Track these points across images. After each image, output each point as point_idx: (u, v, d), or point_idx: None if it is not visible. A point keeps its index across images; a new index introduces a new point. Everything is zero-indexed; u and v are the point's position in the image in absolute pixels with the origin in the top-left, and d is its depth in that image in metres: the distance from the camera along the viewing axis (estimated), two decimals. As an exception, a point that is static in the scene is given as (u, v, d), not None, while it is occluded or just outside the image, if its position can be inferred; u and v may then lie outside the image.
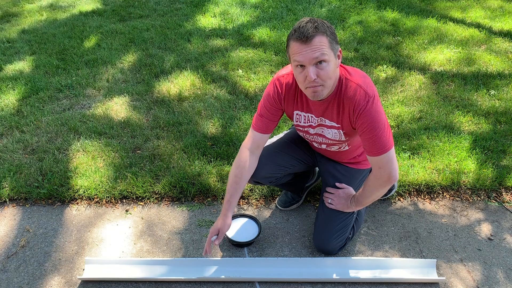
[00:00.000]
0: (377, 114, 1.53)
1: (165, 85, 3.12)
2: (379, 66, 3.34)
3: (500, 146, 2.49)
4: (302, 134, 1.84)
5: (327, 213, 1.88)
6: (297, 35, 1.42)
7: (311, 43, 1.40)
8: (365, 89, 1.53)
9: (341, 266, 1.84)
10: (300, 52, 1.43)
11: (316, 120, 1.70)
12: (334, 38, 1.45)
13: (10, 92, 3.06)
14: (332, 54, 1.45)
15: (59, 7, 4.75)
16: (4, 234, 2.04)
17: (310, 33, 1.39)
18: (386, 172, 1.59)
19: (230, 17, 4.24)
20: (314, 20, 1.43)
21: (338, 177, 1.90)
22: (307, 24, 1.41)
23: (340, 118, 1.63)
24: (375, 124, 1.53)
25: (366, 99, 1.52)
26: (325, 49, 1.42)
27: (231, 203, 1.77)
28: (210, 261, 1.86)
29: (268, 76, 3.21)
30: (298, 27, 1.42)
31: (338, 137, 1.72)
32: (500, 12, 4.34)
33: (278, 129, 2.61)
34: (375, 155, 1.58)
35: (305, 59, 1.43)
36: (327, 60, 1.43)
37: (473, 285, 1.80)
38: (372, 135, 1.55)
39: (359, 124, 1.56)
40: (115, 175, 2.29)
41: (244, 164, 1.77)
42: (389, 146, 1.56)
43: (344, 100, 1.57)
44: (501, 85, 3.10)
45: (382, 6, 4.42)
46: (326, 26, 1.43)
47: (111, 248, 1.97)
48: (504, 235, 2.03)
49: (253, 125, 1.78)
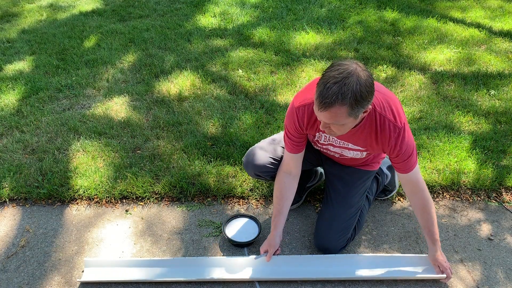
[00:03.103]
0: (408, 141, 1.59)
1: (165, 85, 3.12)
2: (379, 66, 3.34)
3: (500, 146, 2.49)
4: (319, 148, 1.85)
5: (332, 212, 1.88)
6: (318, 94, 1.35)
7: (327, 112, 1.36)
8: (394, 122, 1.55)
9: (345, 264, 1.83)
10: (316, 111, 1.41)
11: (338, 142, 1.71)
12: (359, 104, 1.35)
13: (10, 92, 3.06)
14: (351, 119, 1.40)
15: (59, 7, 4.75)
16: (4, 234, 2.04)
17: (329, 102, 1.32)
18: (423, 183, 1.71)
19: (230, 17, 4.24)
20: (344, 83, 1.30)
21: (345, 178, 1.91)
22: (332, 87, 1.31)
23: (368, 145, 1.65)
24: (407, 151, 1.60)
25: (396, 132, 1.55)
26: (340, 118, 1.38)
27: (276, 222, 1.84)
28: (210, 260, 1.85)
29: (268, 76, 3.21)
30: (324, 87, 1.32)
31: (359, 156, 1.76)
32: (500, 12, 4.34)
33: (278, 129, 2.61)
34: (409, 172, 1.66)
35: (319, 118, 1.45)
36: (341, 124, 1.42)
37: (473, 285, 1.80)
38: (405, 159, 1.62)
39: (392, 153, 1.62)
40: (115, 175, 2.29)
41: (281, 186, 1.84)
42: (416, 159, 1.67)
43: (372, 133, 1.58)
44: (501, 85, 3.09)
45: (382, 6, 4.42)
46: (352, 92, 1.31)
47: (111, 248, 1.97)
48: (504, 235, 2.03)
49: (286, 148, 1.80)
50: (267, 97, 2.97)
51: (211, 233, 2.04)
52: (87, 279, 1.78)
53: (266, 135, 2.49)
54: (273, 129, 2.60)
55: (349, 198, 1.89)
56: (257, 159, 1.89)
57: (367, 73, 1.35)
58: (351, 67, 1.33)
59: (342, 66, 1.33)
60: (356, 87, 1.31)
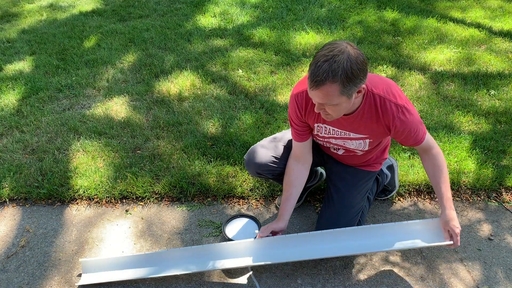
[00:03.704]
0: (412, 117, 1.57)
1: (165, 85, 3.12)
2: (379, 66, 3.34)
3: (500, 146, 2.49)
4: (321, 142, 1.84)
5: (333, 212, 1.88)
6: (310, 73, 1.36)
7: (319, 91, 1.37)
8: (395, 101, 1.54)
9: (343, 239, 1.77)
10: (309, 90, 1.42)
11: (339, 132, 1.70)
12: (351, 81, 1.35)
13: (10, 92, 3.06)
14: (344, 98, 1.40)
15: (59, 7, 4.75)
16: (4, 234, 2.04)
17: (319, 80, 1.33)
18: (436, 146, 1.69)
19: (230, 17, 4.24)
20: (334, 60, 1.31)
21: (347, 178, 1.91)
22: (322, 65, 1.32)
23: (370, 130, 1.64)
24: (414, 125, 1.58)
25: (399, 110, 1.54)
26: (332, 97, 1.38)
27: (282, 209, 1.82)
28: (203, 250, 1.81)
29: (268, 76, 3.21)
30: (315, 65, 1.34)
31: (362, 147, 1.74)
32: (500, 12, 4.34)
33: (278, 129, 2.61)
34: (420, 143, 1.64)
35: (312, 98, 1.45)
36: (335, 104, 1.42)
37: (473, 285, 1.80)
38: (413, 133, 1.60)
39: (399, 131, 1.60)
40: (115, 175, 2.29)
41: (289, 173, 1.83)
42: (425, 129, 1.64)
43: (374, 115, 1.57)
44: (501, 85, 3.09)
45: (382, 6, 4.42)
46: (343, 69, 1.31)
47: (111, 248, 1.97)
48: (504, 235, 2.03)
49: (292, 136, 1.81)
50: (267, 97, 2.97)
51: (211, 233, 2.05)
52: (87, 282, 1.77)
53: (266, 135, 2.49)
54: (273, 129, 2.60)
55: (351, 198, 1.89)
56: (259, 157, 1.89)
57: (358, 51, 1.36)
58: (341, 46, 1.34)
59: (333, 45, 1.35)
60: (346, 64, 1.31)
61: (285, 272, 1.86)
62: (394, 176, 2.18)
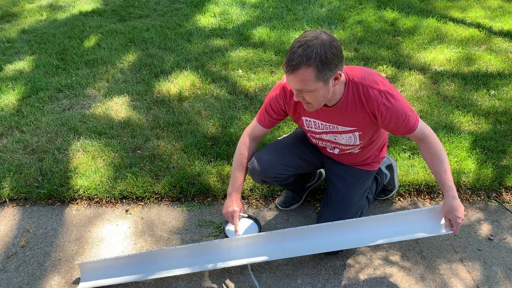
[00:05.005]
0: (398, 103, 1.55)
1: (165, 85, 3.12)
2: (379, 66, 3.34)
3: (500, 146, 2.49)
4: (315, 141, 1.85)
5: (332, 211, 1.88)
6: (286, 59, 1.39)
7: (294, 76, 1.39)
8: (377, 87, 1.54)
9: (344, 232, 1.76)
10: (286, 77, 1.45)
11: (327, 126, 1.71)
12: (326, 66, 1.37)
13: (10, 92, 3.06)
14: (321, 83, 1.41)
15: (59, 7, 4.75)
16: (4, 234, 2.04)
17: (294, 65, 1.36)
18: (431, 133, 1.65)
19: (230, 17, 4.24)
20: (308, 45, 1.35)
21: (345, 177, 1.91)
22: (297, 51, 1.35)
23: (356, 121, 1.63)
24: (400, 111, 1.56)
25: (383, 96, 1.53)
26: (308, 82, 1.40)
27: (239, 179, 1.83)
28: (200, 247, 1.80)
29: (268, 76, 3.21)
30: (290, 51, 1.38)
31: (353, 141, 1.73)
32: (500, 12, 4.34)
33: (278, 129, 2.61)
34: (413, 131, 1.62)
35: (290, 85, 1.46)
36: (312, 90, 1.43)
37: (473, 285, 1.80)
38: (401, 120, 1.57)
39: (386, 119, 1.57)
40: (115, 175, 2.29)
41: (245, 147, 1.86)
42: (417, 117, 1.62)
43: (358, 104, 1.57)
44: (501, 85, 3.09)
45: (382, 6, 4.42)
46: (317, 53, 1.34)
47: (111, 248, 1.97)
48: (504, 235, 2.03)
49: (257, 117, 1.83)
50: (267, 97, 2.97)
51: (211, 233, 2.05)
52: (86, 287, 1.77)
53: (266, 135, 2.48)
54: (273, 129, 2.60)
55: (350, 197, 1.89)
56: (264, 166, 1.84)
57: (332, 38, 1.39)
58: (315, 32, 1.39)
59: (307, 32, 1.39)
60: (320, 49, 1.35)
61: (285, 272, 1.86)
62: (394, 176, 2.18)
